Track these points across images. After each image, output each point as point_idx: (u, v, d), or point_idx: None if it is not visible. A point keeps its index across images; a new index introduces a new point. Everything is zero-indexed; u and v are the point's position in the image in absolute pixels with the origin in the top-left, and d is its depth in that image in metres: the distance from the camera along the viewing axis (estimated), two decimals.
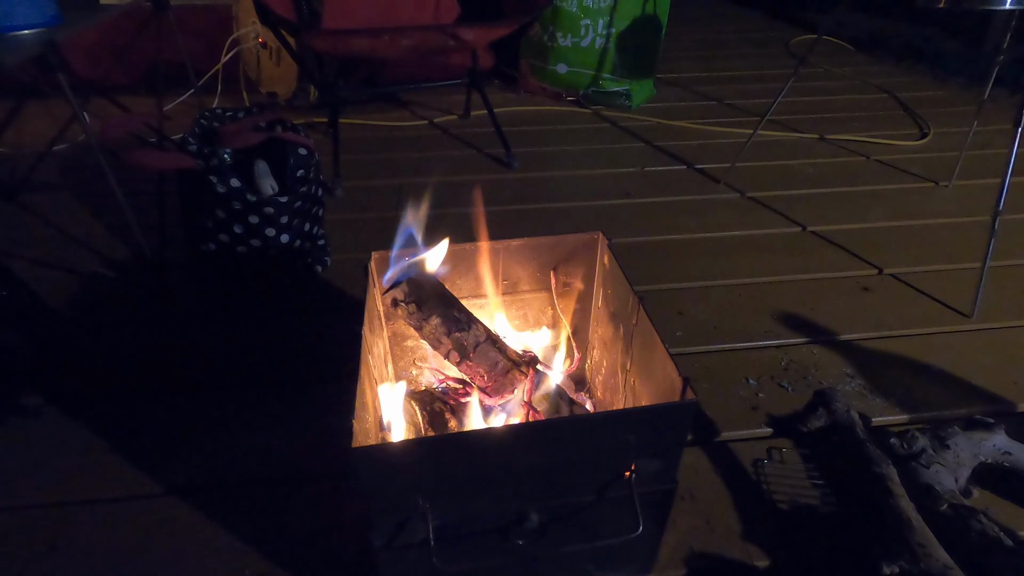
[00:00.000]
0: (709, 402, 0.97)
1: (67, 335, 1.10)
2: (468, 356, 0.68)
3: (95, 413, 0.93)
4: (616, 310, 0.76)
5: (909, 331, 1.13)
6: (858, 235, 1.43)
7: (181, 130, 1.12)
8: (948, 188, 1.64)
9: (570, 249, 0.79)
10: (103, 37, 1.87)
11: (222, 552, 0.74)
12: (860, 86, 2.41)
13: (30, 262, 1.28)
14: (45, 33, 0.99)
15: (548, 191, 1.63)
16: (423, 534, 0.55)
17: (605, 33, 2.08)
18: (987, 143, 1.70)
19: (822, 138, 1.95)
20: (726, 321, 1.15)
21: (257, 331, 1.11)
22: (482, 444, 0.54)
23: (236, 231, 1.08)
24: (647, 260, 1.34)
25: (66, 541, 0.76)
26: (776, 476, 0.86)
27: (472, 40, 1.52)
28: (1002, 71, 1.44)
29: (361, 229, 1.43)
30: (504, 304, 0.83)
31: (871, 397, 0.99)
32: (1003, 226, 1.13)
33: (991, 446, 0.81)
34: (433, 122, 2.03)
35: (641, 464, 0.57)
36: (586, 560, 0.65)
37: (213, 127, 1.15)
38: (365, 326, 0.63)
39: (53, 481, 0.83)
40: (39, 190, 1.55)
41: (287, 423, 0.92)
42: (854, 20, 3.12)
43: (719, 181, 1.67)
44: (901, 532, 0.70)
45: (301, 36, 1.45)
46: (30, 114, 1.46)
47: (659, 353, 0.61)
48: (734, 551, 0.76)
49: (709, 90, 2.36)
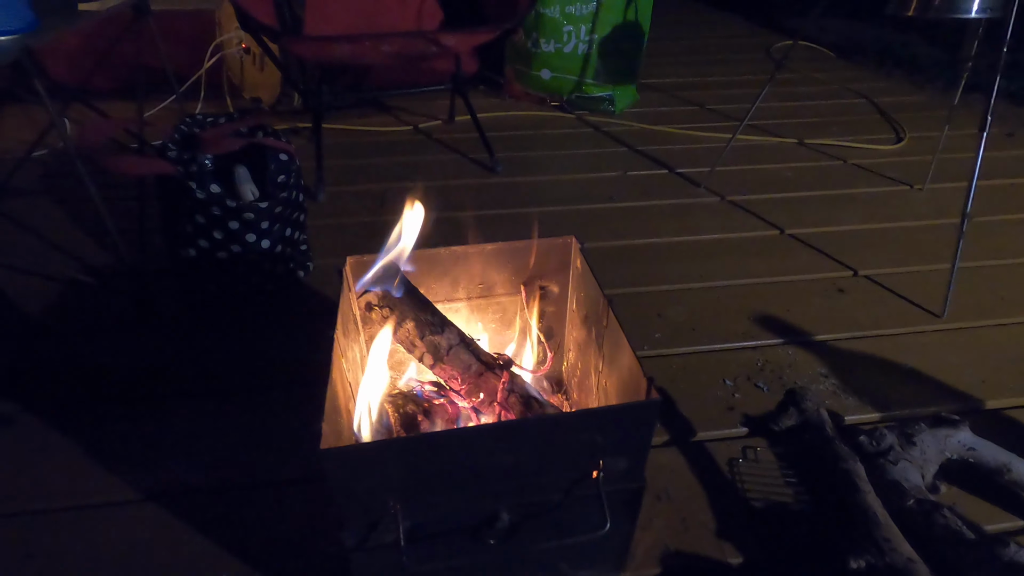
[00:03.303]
0: (686, 402, 0.98)
1: (44, 342, 1.10)
2: (442, 359, 0.69)
3: (71, 420, 0.93)
4: (588, 313, 0.77)
5: (882, 331, 1.15)
6: (834, 237, 1.46)
7: (163, 136, 1.12)
8: (922, 191, 1.68)
9: (544, 253, 0.81)
10: (84, 42, 1.86)
11: (200, 557, 0.74)
12: (838, 91, 2.45)
13: (7, 268, 1.27)
14: (20, 39, 0.99)
15: (531, 195, 1.64)
16: (394, 535, 0.55)
17: (588, 39, 2.10)
18: (959, 147, 1.74)
19: (801, 142, 1.98)
20: (704, 323, 1.17)
21: (237, 337, 1.11)
22: (451, 444, 0.55)
23: (216, 236, 1.08)
24: (628, 263, 1.35)
25: (41, 548, 0.75)
26: (751, 475, 0.87)
27: (454, 46, 1.53)
28: (977, 77, 1.47)
29: (344, 234, 1.43)
30: (479, 308, 0.84)
31: (844, 396, 1.01)
32: (972, 228, 1.15)
33: (956, 442, 0.83)
34: (417, 127, 2.04)
35: (608, 462, 0.58)
36: (558, 558, 0.66)
37: (194, 133, 1.15)
38: (338, 329, 0.64)
39: (28, 488, 0.83)
40: (17, 196, 1.54)
41: (264, 428, 0.92)
42: (833, 26, 3.17)
43: (699, 185, 1.69)
44: (867, 527, 0.71)
45: (283, 42, 1.45)
46: (8, 119, 1.45)
47: (626, 354, 0.62)
48: (709, 549, 0.77)
49: (691, 95, 2.39)
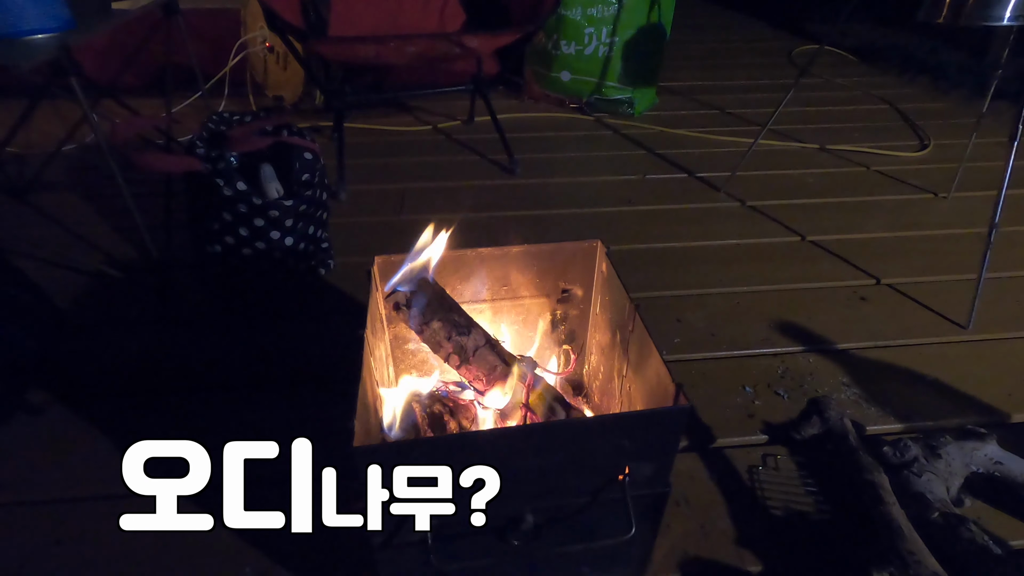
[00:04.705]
0: (706, 409, 0.98)
1: (73, 333, 1.12)
2: (468, 359, 0.70)
3: (100, 410, 0.95)
4: (613, 317, 0.77)
5: (905, 341, 1.14)
6: (857, 245, 1.44)
7: (188, 132, 1.14)
8: (947, 200, 1.65)
9: (569, 256, 0.81)
10: (114, 40, 1.89)
11: (224, 549, 0.76)
12: (862, 97, 2.43)
13: (37, 261, 1.30)
14: (58, 38, 1.01)
15: (550, 197, 1.64)
16: (421, 534, 0.56)
17: (608, 41, 2.10)
18: (986, 155, 1.71)
19: (823, 148, 1.96)
20: (724, 329, 1.16)
21: (261, 333, 1.12)
22: (479, 445, 0.56)
23: (242, 233, 1.10)
24: (647, 267, 1.35)
25: (70, 535, 0.77)
26: (770, 483, 0.87)
27: (477, 48, 1.54)
28: (1005, 84, 1.45)
29: (365, 233, 1.45)
30: (504, 309, 0.85)
31: (866, 406, 1.00)
32: (999, 238, 1.14)
33: (983, 456, 0.82)
34: (437, 127, 2.05)
35: (635, 467, 0.58)
36: (580, 562, 0.66)
37: (220, 131, 1.17)
38: (367, 329, 0.65)
39: (57, 476, 0.85)
40: (47, 190, 1.57)
41: (288, 424, 0.93)
42: (857, 31, 3.14)
43: (719, 190, 1.68)
44: (892, 539, 0.71)
45: (308, 42, 1.47)
46: (40, 115, 1.48)
47: (654, 359, 0.63)
48: (727, 556, 0.77)
49: (711, 99, 2.38)
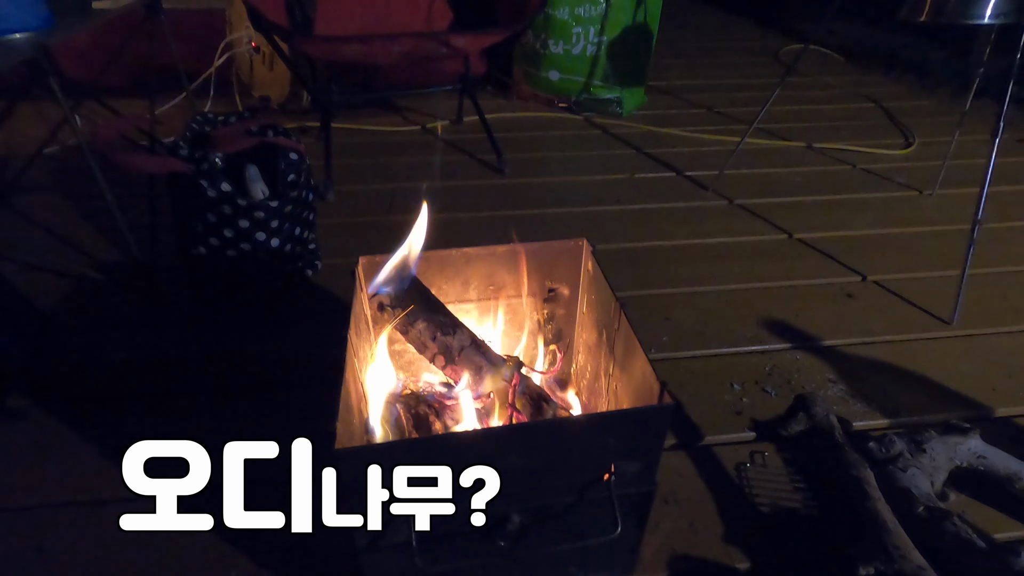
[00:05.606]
0: (694, 407, 0.98)
1: (56, 337, 1.10)
2: (453, 360, 0.69)
3: (83, 415, 0.94)
4: (599, 315, 0.77)
5: (891, 337, 1.15)
6: (843, 242, 1.45)
7: (173, 133, 1.13)
8: (931, 197, 1.67)
9: (555, 255, 0.81)
10: (96, 39, 1.87)
11: (209, 552, 0.75)
12: (848, 95, 2.45)
13: (19, 264, 1.28)
14: (37, 37, 1.00)
15: (539, 197, 1.64)
16: (406, 535, 0.56)
17: (597, 41, 2.10)
18: (969, 152, 1.73)
19: (809, 146, 1.97)
20: (712, 326, 1.17)
21: (246, 336, 1.11)
22: (464, 446, 0.55)
23: (226, 235, 1.09)
24: (635, 266, 1.35)
25: (53, 543, 0.76)
26: (758, 479, 0.87)
27: (464, 47, 1.53)
28: (987, 82, 1.47)
29: (352, 233, 1.44)
30: (489, 309, 0.85)
31: (852, 402, 1.01)
32: (983, 234, 1.15)
33: (966, 450, 0.83)
34: (425, 127, 2.05)
35: (620, 466, 0.58)
36: (568, 561, 0.66)
37: (205, 131, 1.15)
38: (351, 330, 0.64)
39: (40, 483, 0.83)
40: (29, 192, 1.55)
41: (274, 427, 0.92)
42: (843, 30, 3.16)
43: (707, 188, 1.69)
44: (877, 534, 0.71)
45: (293, 42, 1.46)
46: (20, 116, 1.46)
47: (639, 358, 0.63)
48: (716, 554, 0.77)
49: (699, 98, 2.39)
